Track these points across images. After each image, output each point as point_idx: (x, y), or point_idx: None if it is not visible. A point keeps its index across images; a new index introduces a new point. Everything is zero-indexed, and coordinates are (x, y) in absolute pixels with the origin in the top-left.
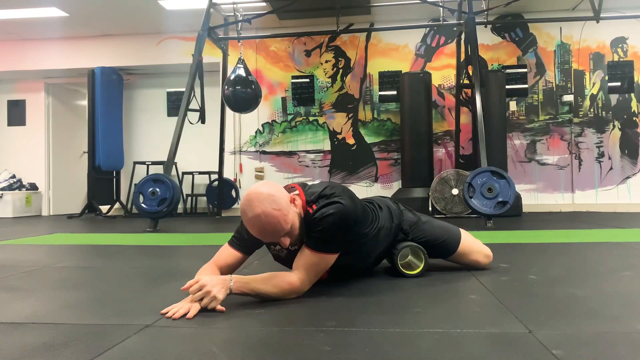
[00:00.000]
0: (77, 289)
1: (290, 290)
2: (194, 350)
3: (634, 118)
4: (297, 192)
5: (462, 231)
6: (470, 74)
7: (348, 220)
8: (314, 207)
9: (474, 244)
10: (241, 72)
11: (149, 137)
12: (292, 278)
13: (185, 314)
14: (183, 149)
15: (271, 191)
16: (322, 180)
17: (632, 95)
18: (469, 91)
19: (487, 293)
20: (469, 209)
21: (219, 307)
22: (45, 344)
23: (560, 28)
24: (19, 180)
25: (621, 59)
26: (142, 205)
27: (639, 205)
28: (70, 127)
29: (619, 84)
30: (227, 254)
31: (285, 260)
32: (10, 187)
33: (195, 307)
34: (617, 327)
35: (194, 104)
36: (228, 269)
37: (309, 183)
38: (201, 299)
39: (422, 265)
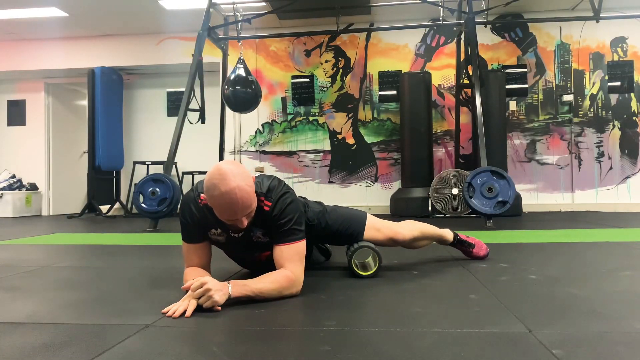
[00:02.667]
0: (77, 289)
1: (288, 283)
2: (194, 350)
3: (634, 118)
4: None
5: (369, 215)
6: (470, 73)
7: (300, 204)
8: (267, 202)
9: (382, 226)
10: (241, 72)
11: (149, 137)
12: (286, 272)
13: (185, 312)
14: (183, 149)
15: (242, 169)
16: (271, 175)
17: (632, 95)
18: (468, 91)
19: (487, 293)
20: (469, 209)
21: (217, 307)
22: (45, 343)
23: (560, 28)
24: (19, 180)
25: (621, 59)
26: (142, 205)
27: (638, 205)
28: (70, 127)
29: (618, 83)
30: (192, 250)
31: (224, 245)
32: (10, 187)
33: (193, 304)
34: (617, 327)
35: (194, 104)
36: (204, 262)
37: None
38: (200, 297)
39: (375, 267)
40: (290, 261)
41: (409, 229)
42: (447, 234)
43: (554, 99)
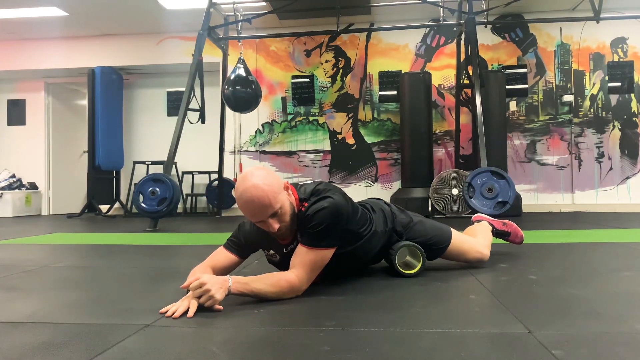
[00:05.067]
0: (76, 288)
1: (289, 289)
2: (193, 350)
3: (634, 118)
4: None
5: (454, 231)
6: (470, 74)
7: (340, 214)
8: (305, 204)
9: (465, 244)
10: (241, 71)
11: (149, 137)
12: (290, 276)
13: (185, 312)
14: (183, 149)
15: (266, 172)
16: (315, 180)
17: (632, 95)
18: (469, 91)
19: (487, 293)
20: (469, 209)
21: (217, 306)
22: (44, 343)
23: (561, 28)
24: (19, 180)
25: (621, 59)
26: (142, 204)
27: (638, 206)
28: (70, 127)
29: (619, 84)
30: (222, 256)
31: (279, 264)
32: (10, 187)
33: (194, 305)
34: (617, 327)
35: (194, 104)
36: (221, 271)
37: (300, 183)
38: (200, 297)
39: (419, 265)
40: (303, 267)
41: (487, 245)
42: (490, 229)
43: (554, 100)
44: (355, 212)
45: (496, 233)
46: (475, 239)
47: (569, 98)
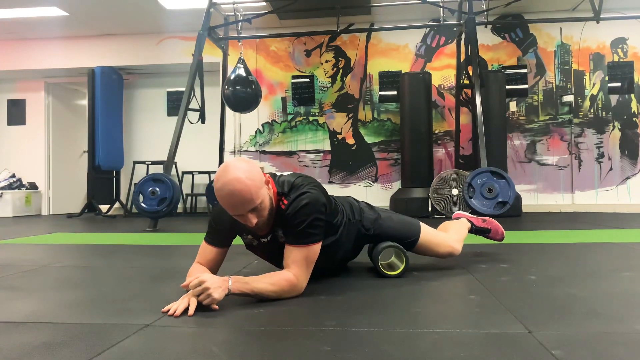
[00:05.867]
0: (76, 288)
1: (289, 288)
2: (193, 350)
3: (634, 119)
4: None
5: (423, 225)
6: (470, 74)
7: (320, 206)
8: (285, 201)
9: (435, 238)
10: (241, 71)
11: (149, 137)
12: (289, 276)
13: (186, 311)
14: (183, 149)
15: (248, 164)
16: (292, 172)
17: (632, 95)
18: (469, 91)
19: (487, 293)
20: (469, 209)
21: (214, 305)
22: (44, 343)
23: (561, 28)
24: (19, 180)
25: (621, 60)
26: (142, 204)
27: (638, 206)
28: (70, 127)
29: (619, 84)
30: (208, 251)
31: (257, 249)
32: (10, 187)
33: (194, 303)
34: (617, 327)
35: (194, 104)
36: (214, 266)
37: (278, 174)
38: (199, 295)
39: (402, 266)
40: (297, 264)
41: (459, 240)
42: (467, 225)
43: (554, 100)
44: (331, 203)
45: (476, 230)
46: (446, 233)
47: (569, 98)
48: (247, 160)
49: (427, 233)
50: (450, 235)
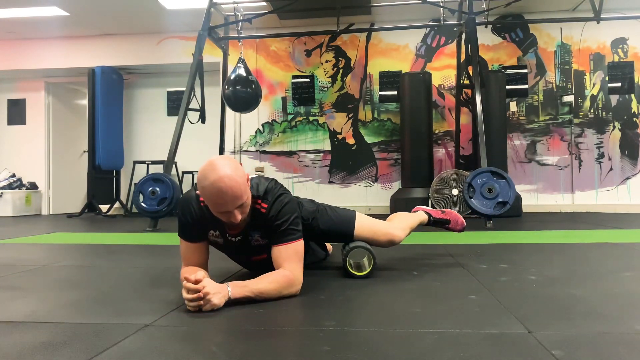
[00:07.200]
0: (76, 288)
1: (287, 283)
2: (193, 350)
3: (634, 119)
4: None
5: (360, 215)
6: (471, 74)
7: (296, 206)
8: (264, 205)
9: (372, 227)
10: (241, 71)
11: (149, 137)
12: (285, 272)
13: (199, 308)
14: (183, 149)
15: (234, 162)
16: (257, 175)
17: (632, 96)
18: (469, 91)
19: (486, 293)
20: (469, 209)
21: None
22: (44, 343)
23: (561, 28)
24: (19, 179)
25: (621, 60)
26: (142, 204)
27: (639, 206)
28: (71, 127)
29: (619, 84)
30: (192, 249)
31: (222, 247)
32: (10, 186)
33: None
34: (617, 327)
35: (194, 104)
36: (203, 263)
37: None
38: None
39: (370, 268)
40: (289, 261)
41: (401, 227)
42: (423, 217)
43: (554, 100)
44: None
45: (434, 222)
46: (388, 222)
47: (569, 98)
48: (229, 157)
49: (362, 223)
50: (392, 223)
